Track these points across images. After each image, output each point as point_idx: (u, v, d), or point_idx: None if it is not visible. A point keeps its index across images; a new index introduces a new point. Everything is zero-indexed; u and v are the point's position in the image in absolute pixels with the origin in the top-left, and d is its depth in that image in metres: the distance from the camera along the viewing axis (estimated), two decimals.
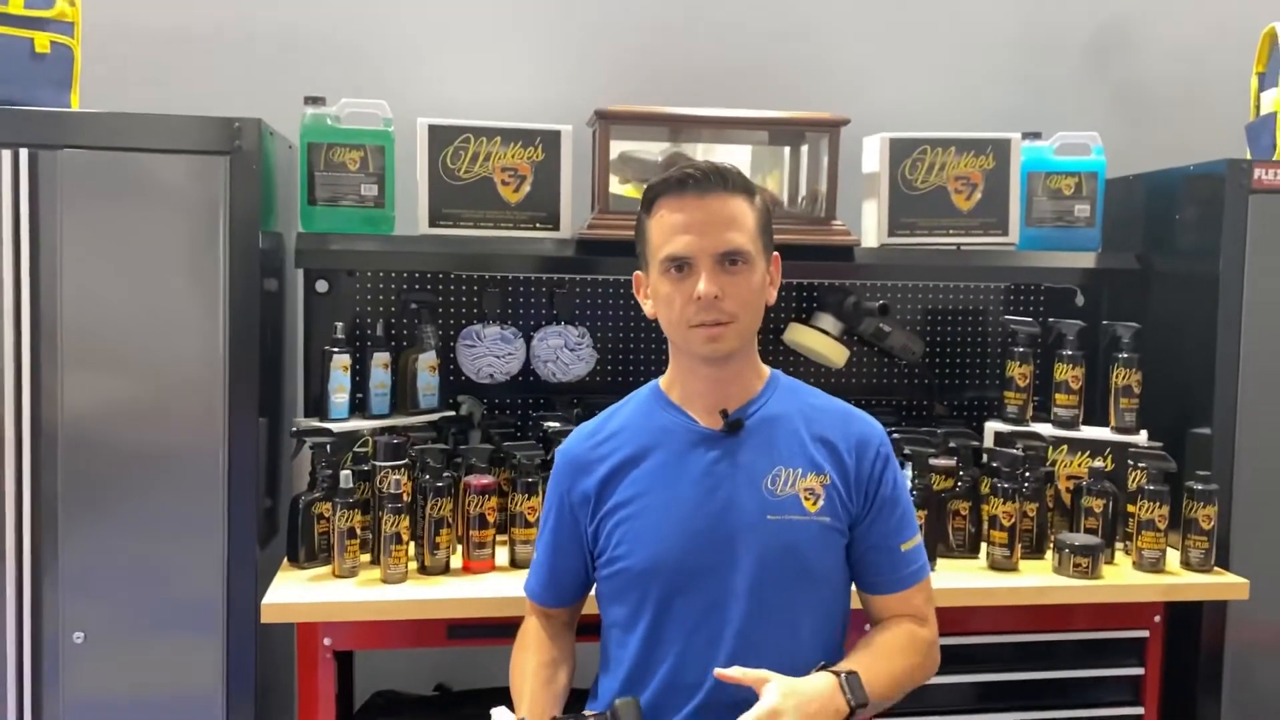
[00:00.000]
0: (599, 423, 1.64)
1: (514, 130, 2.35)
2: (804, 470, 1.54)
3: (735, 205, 1.50)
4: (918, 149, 2.49)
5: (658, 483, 1.54)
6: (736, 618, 1.51)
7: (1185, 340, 2.43)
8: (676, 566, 1.51)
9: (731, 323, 1.49)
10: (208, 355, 2.08)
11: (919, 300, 2.78)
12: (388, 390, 2.35)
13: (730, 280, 1.48)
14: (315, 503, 2.12)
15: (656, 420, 1.59)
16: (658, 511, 1.53)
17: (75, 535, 2.06)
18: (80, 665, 2.07)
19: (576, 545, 1.61)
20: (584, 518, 1.58)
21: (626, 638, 1.55)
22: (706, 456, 1.54)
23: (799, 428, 1.58)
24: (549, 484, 1.66)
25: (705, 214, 1.48)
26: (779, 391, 1.61)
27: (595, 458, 1.59)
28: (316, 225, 2.31)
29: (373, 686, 2.47)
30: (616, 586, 1.56)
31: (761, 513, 1.52)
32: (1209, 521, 2.21)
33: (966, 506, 2.27)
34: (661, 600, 1.52)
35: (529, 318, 2.62)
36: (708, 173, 1.50)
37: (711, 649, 1.51)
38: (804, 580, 1.53)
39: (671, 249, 1.48)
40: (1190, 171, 2.43)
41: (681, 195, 1.49)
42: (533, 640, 1.64)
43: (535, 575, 1.69)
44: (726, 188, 1.50)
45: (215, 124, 2.05)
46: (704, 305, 1.47)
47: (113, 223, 2.04)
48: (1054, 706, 2.22)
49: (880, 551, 1.59)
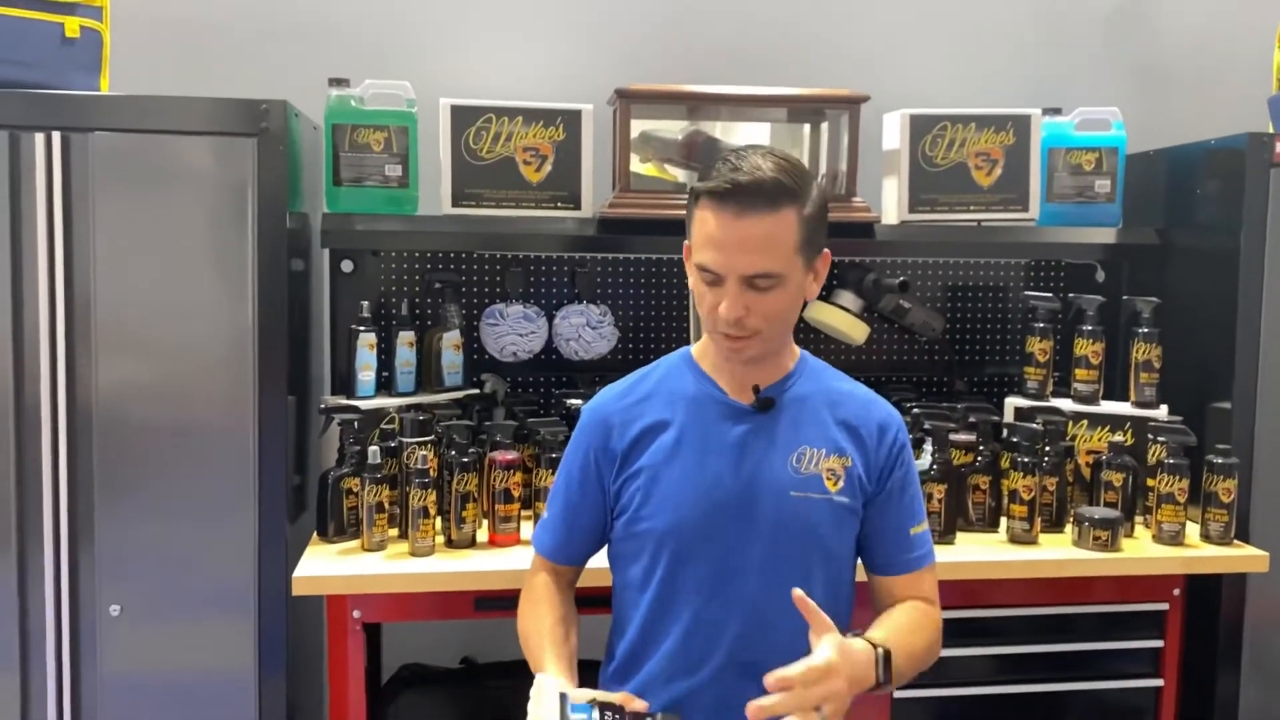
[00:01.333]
0: (629, 385, 1.65)
1: (535, 110, 2.37)
2: (827, 451, 1.57)
3: (774, 224, 1.44)
4: (938, 125, 2.49)
5: (686, 449, 1.56)
6: (750, 588, 1.54)
7: (1205, 315, 2.43)
8: (695, 532, 1.54)
9: (755, 336, 1.51)
10: (237, 335, 2.11)
11: (939, 277, 2.79)
12: (413, 368, 2.39)
13: (757, 299, 1.47)
14: (344, 478, 2.16)
15: (688, 388, 1.61)
16: (684, 477, 1.55)
17: (110, 514, 2.10)
18: (117, 639, 2.12)
19: (597, 504, 1.63)
20: (608, 476, 1.60)
21: (639, 597, 1.58)
22: (736, 430, 1.57)
23: (824, 410, 1.60)
24: (573, 440, 1.66)
25: (740, 234, 1.43)
26: (807, 373, 1.64)
27: (626, 419, 1.60)
28: (341, 206, 2.34)
29: (400, 660, 2.51)
30: (634, 547, 1.59)
31: (785, 489, 1.54)
32: (1229, 495, 2.22)
33: (986, 481, 2.29)
34: (677, 563, 1.55)
35: (551, 296, 2.64)
36: (752, 189, 1.42)
37: (723, 617, 1.54)
38: (819, 557, 1.56)
39: (701, 259, 1.48)
40: (1211, 146, 2.43)
41: (721, 207, 1.44)
42: (543, 595, 1.65)
43: (550, 532, 1.69)
44: (772, 204, 1.43)
45: (242, 106, 2.08)
46: (726, 323, 1.48)
47: (143, 205, 2.07)
48: (1073, 679, 2.24)
49: (892, 533, 1.62)
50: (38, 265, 2.04)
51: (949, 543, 2.21)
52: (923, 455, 2.27)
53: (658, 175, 2.57)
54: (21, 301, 2.05)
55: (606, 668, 1.67)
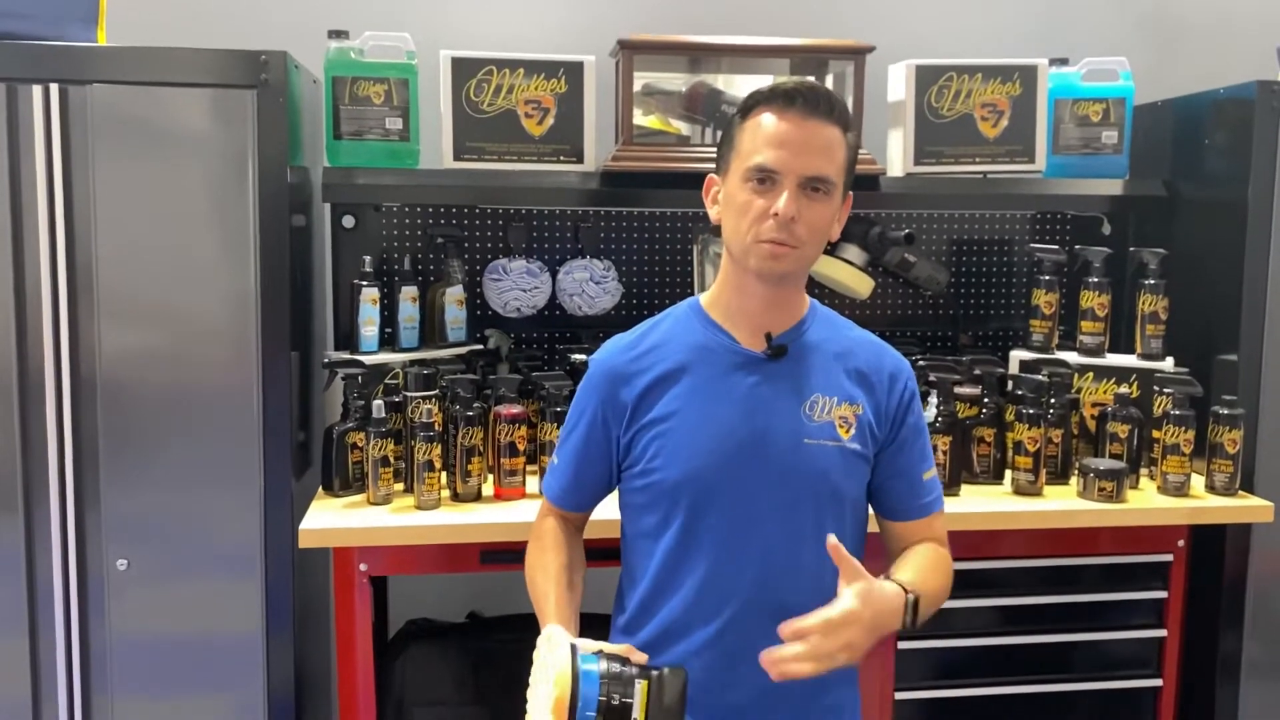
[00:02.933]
0: (637, 336, 1.64)
1: (537, 62, 2.35)
2: (839, 399, 1.57)
3: (833, 134, 1.49)
4: (944, 76, 2.47)
5: (698, 399, 1.56)
6: (765, 537, 1.54)
7: (1212, 267, 2.42)
8: (710, 482, 1.53)
9: (798, 248, 1.50)
10: (239, 291, 2.10)
11: (944, 230, 2.77)
12: (416, 324, 2.38)
13: (809, 206, 1.49)
14: (348, 433, 2.16)
15: (697, 337, 1.60)
16: (696, 427, 1.55)
17: (116, 474, 2.10)
18: (125, 598, 2.13)
19: (604, 454, 1.62)
20: (617, 428, 1.60)
21: (653, 546, 1.58)
22: (748, 379, 1.56)
23: (835, 357, 1.60)
24: (580, 391, 1.66)
25: (804, 135, 1.48)
26: (818, 321, 1.63)
27: (634, 370, 1.59)
28: (342, 160, 2.32)
29: (406, 615, 2.52)
30: (647, 498, 1.58)
31: (798, 436, 1.54)
32: (1234, 446, 2.22)
33: (991, 433, 2.29)
34: (692, 513, 1.54)
35: (554, 251, 2.63)
36: (819, 94, 1.49)
37: (739, 566, 1.54)
38: (833, 504, 1.56)
39: (763, 159, 1.48)
40: (1220, 95, 2.41)
41: (787, 110, 1.48)
42: (551, 541, 1.66)
43: (558, 479, 1.69)
44: (831, 115, 1.49)
45: (241, 57, 2.05)
46: (779, 224, 1.48)
47: (143, 159, 2.05)
48: (1077, 630, 2.25)
49: (904, 479, 1.63)
50: (38, 221, 2.03)
51: (954, 494, 2.21)
52: (928, 408, 2.27)
53: (661, 128, 2.54)
54: (23, 260, 2.04)
55: (617, 619, 1.67)
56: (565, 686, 1.35)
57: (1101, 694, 2.27)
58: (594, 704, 1.36)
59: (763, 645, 1.39)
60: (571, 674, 1.36)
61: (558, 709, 1.34)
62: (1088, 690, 2.26)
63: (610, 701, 1.36)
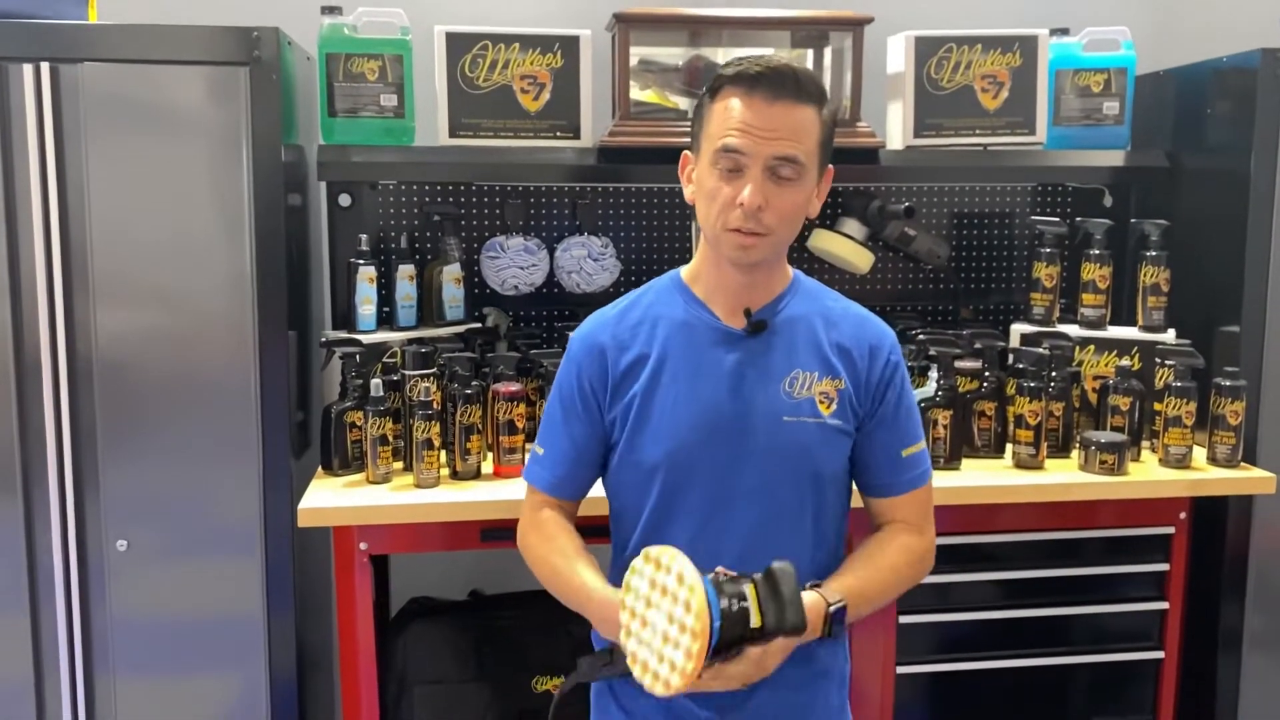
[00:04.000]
0: (619, 311, 1.62)
1: (532, 36, 2.32)
2: (820, 374, 1.55)
3: (802, 115, 1.46)
4: (943, 47, 2.44)
5: (678, 376, 1.54)
6: (746, 514, 1.53)
7: (1214, 238, 2.40)
8: (689, 460, 1.53)
9: (768, 235, 1.48)
10: (235, 271, 2.09)
11: (944, 203, 2.76)
12: (414, 303, 2.37)
13: (777, 192, 1.46)
14: (346, 412, 2.15)
15: (678, 313, 1.58)
16: (676, 405, 1.53)
17: (114, 455, 2.10)
18: (126, 579, 2.13)
19: (596, 431, 1.60)
20: (603, 401, 1.58)
21: (634, 524, 1.57)
22: (728, 356, 1.55)
23: (817, 331, 1.58)
24: (563, 370, 1.62)
25: (769, 119, 1.45)
26: (800, 294, 1.61)
27: (617, 344, 1.58)
28: (337, 137, 2.31)
29: (408, 594, 2.52)
30: (628, 478, 1.57)
31: (778, 414, 1.53)
32: (1236, 417, 2.21)
33: (992, 407, 2.28)
34: (671, 491, 1.54)
35: (552, 229, 2.61)
36: (783, 75, 1.45)
37: (719, 544, 1.52)
38: (813, 481, 1.55)
39: (728, 142, 1.45)
40: (1223, 64, 2.38)
41: (752, 92, 1.45)
42: (557, 529, 1.61)
43: (549, 468, 1.63)
44: (799, 95, 1.45)
45: (233, 34, 2.04)
46: (745, 213, 1.46)
47: (136, 139, 2.04)
48: (1079, 603, 2.25)
49: (884, 456, 1.60)
50: (31, 202, 2.01)
51: (954, 469, 2.21)
52: (928, 382, 2.26)
53: (659, 102, 2.52)
54: (17, 242, 2.03)
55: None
56: (704, 604, 1.29)
57: (1103, 666, 2.27)
58: (718, 614, 1.31)
59: None
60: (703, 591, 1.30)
61: (700, 628, 1.28)
62: (1089, 663, 2.26)
63: (731, 608, 1.32)
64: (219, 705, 2.19)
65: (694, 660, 1.28)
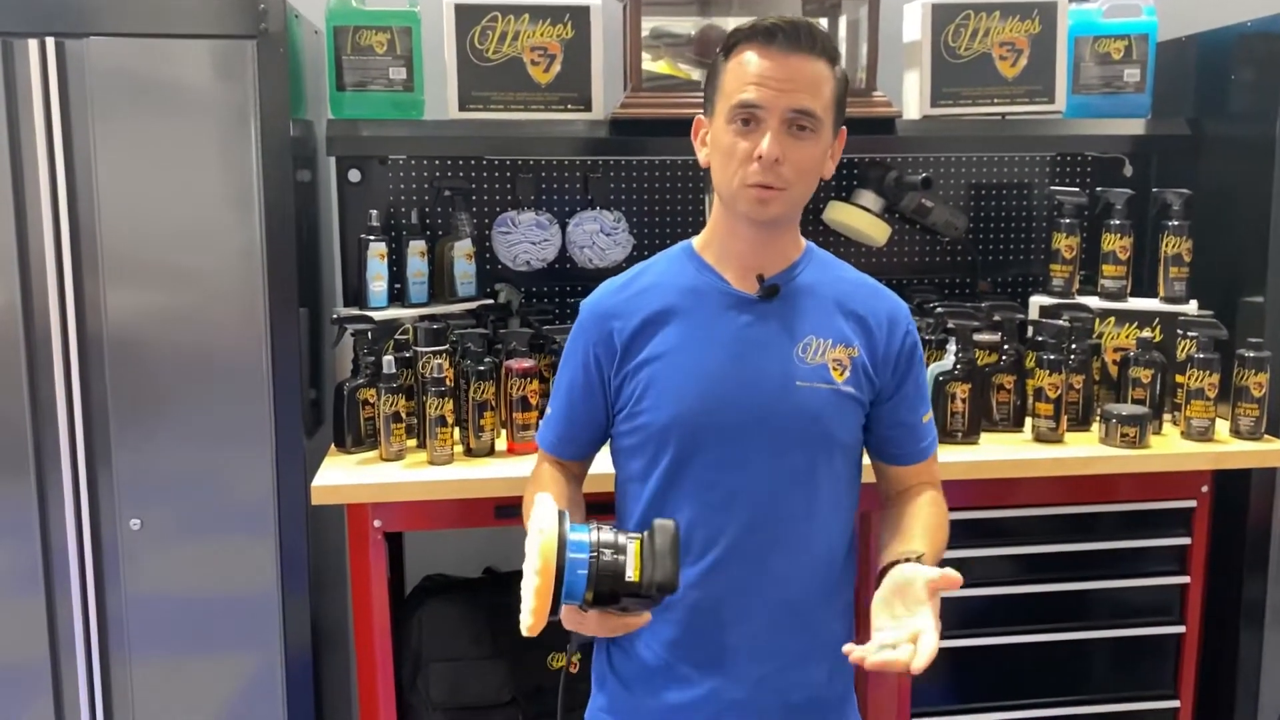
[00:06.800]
0: (628, 279, 1.61)
1: (542, 7, 2.29)
2: (834, 341, 1.54)
3: (818, 69, 1.46)
4: (961, 14, 2.40)
5: (688, 341, 1.53)
6: (756, 480, 1.51)
7: (1238, 207, 2.36)
8: (699, 425, 1.51)
9: (785, 190, 1.47)
10: (245, 248, 2.07)
11: (962, 174, 2.72)
12: (425, 279, 2.35)
13: (794, 145, 1.45)
14: (359, 389, 2.14)
15: (689, 280, 1.57)
16: (686, 370, 1.52)
17: (127, 435, 2.09)
18: (140, 559, 2.12)
19: (598, 398, 1.59)
20: (608, 370, 1.57)
21: (641, 490, 1.56)
22: (739, 320, 1.53)
23: (831, 300, 1.57)
24: (571, 337, 1.63)
25: (787, 70, 1.45)
26: (813, 263, 1.60)
27: (624, 311, 1.56)
28: (346, 111, 2.28)
29: (423, 571, 2.52)
30: (636, 441, 1.56)
31: (790, 379, 1.51)
32: (1260, 389, 2.18)
33: (1011, 380, 2.25)
34: (680, 456, 1.52)
35: (564, 203, 2.59)
36: (799, 29, 1.45)
37: (728, 509, 1.52)
38: (825, 448, 1.54)
39: (745, 96, 1.45)
40: (1247, 29, 2.33)
41: (768, 46, 1.46)
42: (548, 479, 1.63)
43: (552, 428, 1.66)
44: (814, 49, 1.46)
45: (240, 6, 2.00)
46: (762, 166, 1.44)
47: (143, 115, 2.01)
48: (1099, 577, 2.23)
49: (905, 426, 1.61)
50: (39, 179, 1.99)
51: (973, 443, 2.18)
52: (946, 355, 2.23)
53: (671, 73, 2.49)
54: (25, 220, 2.01)
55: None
56: (551, 546, 1.28)
57: (1124, 641, 2.25)
58: (584, 563, 1.29)
59: (751, 589, 1.41)
60: (558, 536, 1.29)
61: (544, 569, 1.27)
62: (1110, 638, 2.24)
63: (601, 557, 1.30)
64: (234, 684, 2.19)
65: (537, 600, 1.27)
